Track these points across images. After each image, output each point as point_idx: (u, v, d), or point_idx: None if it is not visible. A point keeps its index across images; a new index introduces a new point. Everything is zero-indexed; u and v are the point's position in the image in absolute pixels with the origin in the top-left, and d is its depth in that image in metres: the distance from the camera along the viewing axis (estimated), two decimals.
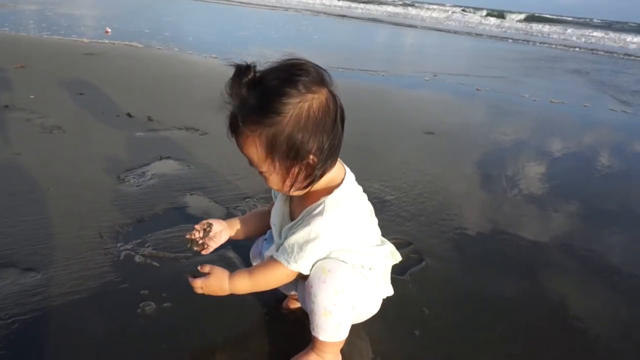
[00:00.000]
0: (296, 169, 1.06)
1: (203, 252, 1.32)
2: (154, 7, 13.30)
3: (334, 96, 1.05)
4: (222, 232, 1.34)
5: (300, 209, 1.16)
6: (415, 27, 16.26)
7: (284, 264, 1.14)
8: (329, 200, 1.10)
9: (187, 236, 1.30)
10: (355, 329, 1.27)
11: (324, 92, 1.03)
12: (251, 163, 1.08)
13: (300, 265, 1.12)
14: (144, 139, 2.83)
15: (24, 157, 2.39)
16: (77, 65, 4.67)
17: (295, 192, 1.12)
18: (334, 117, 1.04)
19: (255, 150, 1.04)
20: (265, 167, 1.06)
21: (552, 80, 7.31)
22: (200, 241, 1.30)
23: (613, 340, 1.49)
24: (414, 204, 2.31)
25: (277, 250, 1.20)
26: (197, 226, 1.31)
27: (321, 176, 1.09)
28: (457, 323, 1.49)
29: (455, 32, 15.57)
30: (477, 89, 5.68)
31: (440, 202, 2.37)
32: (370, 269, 1.22)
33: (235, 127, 1.04)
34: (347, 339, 1.20)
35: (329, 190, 1.11)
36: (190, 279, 1.18)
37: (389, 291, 1.32)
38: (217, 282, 1.18)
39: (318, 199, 1.11)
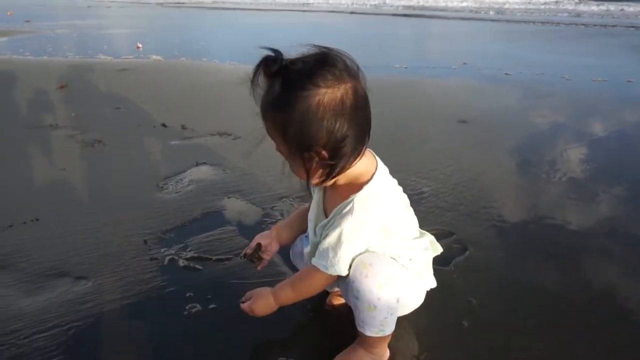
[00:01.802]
0: (307, 162, 1.05)
1: (259, 268, 1.37)
2: (178, 20, 13.64)
3: (355, 91, 1.01)
4: (271, 244, 1.37)
5: (332, 205, 1.15)
6: (435, 17, 15.94)
7: (322, 270, 1.14)
8: (358, 198, 1.08)
9: (241, 257, 1.37)
10: (401, 322, 1.25)
11: (341, 88, 0.99)
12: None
13: (338, 268, 1.12)
14: (179, 147, 2.90)
15: (69, 172, 2.49)
16: (112, 82, 4.84)
17: (316, 183, 1.12)
18: (350, 112, 1.00)
19: (274, 136, 1.06)
20: (285, 153, 1.08)
21: (593, 58, 7.00)
22: (256, 255, 1.35)
23: None
24: (452, 193, 2.26)
25: (312, 248, 1.20)
26: (247, 250, 1.36)
27: (341, 171, 1.07)
28: (505, 312, 1.44)
29: (482, 20, 15.17)
30: (505, 74, 5.51)
31: (479, 190, 2.31)
32: (410, 259, 1.20)
33: (261, 113, 1.06)
34: (393, 332, 1.18)
35: (358, 187, 1.09)
36: (242, 305, 1.24)
37: (432, 283, 1.29)
38: (263, 302, 1.22)
39: (348, 196, 1.09)
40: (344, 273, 1.13)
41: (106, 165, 2.62)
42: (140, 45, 7.47)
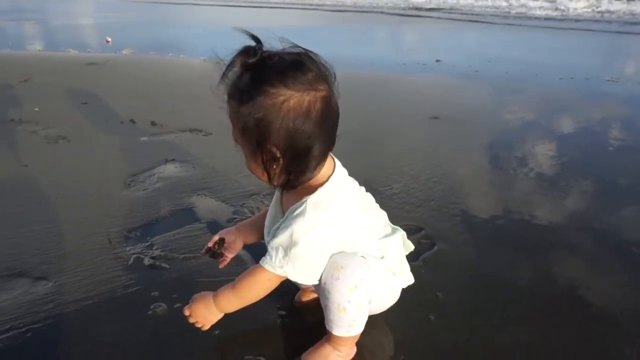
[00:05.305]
0: (266, 162, 1.02)
1: (221, 266, 1.34)
2: (149, 15, 13.35)
3: (326, 101, 0.99)
4: (235, 240, 1.34)
5: (288, 205, 1.13)
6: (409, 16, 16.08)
7: (268, 269, 1.09)
8: (311, 200, 1.06)
9: (203, 251, 1.33)
10: (369, 317, 1.25)
11: (311, 94, 0.97)
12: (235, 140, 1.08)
13: (286, 269, 1.08)
14: (148, 144, 2.83)
15: (32, 168, 2.41)
16: (79, 76, 4.69)
17: (277, 184, 1.09)
18: (317, 122, 0.98)
19: (235, 127, 1.04)
20: (244, 149, 1.07)
21: (559, 56, 7.18)
22: (218, 251, 1.31)
23: (632, 318, 1.44)
24: (422, 189, 2.28)
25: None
26: (209, 244, 1.32)
27: (302, 182, 1.06)
28: (473, 307, 1.46)
29: (459, 20, 15.38)
30: (475, 70, 5.61)
31: (450, 186, 2.34)
32: (382, 257, 1.19)
33: (227, 101, 1.04)
34: None
35: (313, 189, 1.08)
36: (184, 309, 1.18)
37: (409, 280, 1.29)
38: (202, 306, 1.15)
39: (302, 197, 1.08)
40: (291, 276, 1.09)
41: (70, 161, 2.53)
42: (109, 39, 7.27)
